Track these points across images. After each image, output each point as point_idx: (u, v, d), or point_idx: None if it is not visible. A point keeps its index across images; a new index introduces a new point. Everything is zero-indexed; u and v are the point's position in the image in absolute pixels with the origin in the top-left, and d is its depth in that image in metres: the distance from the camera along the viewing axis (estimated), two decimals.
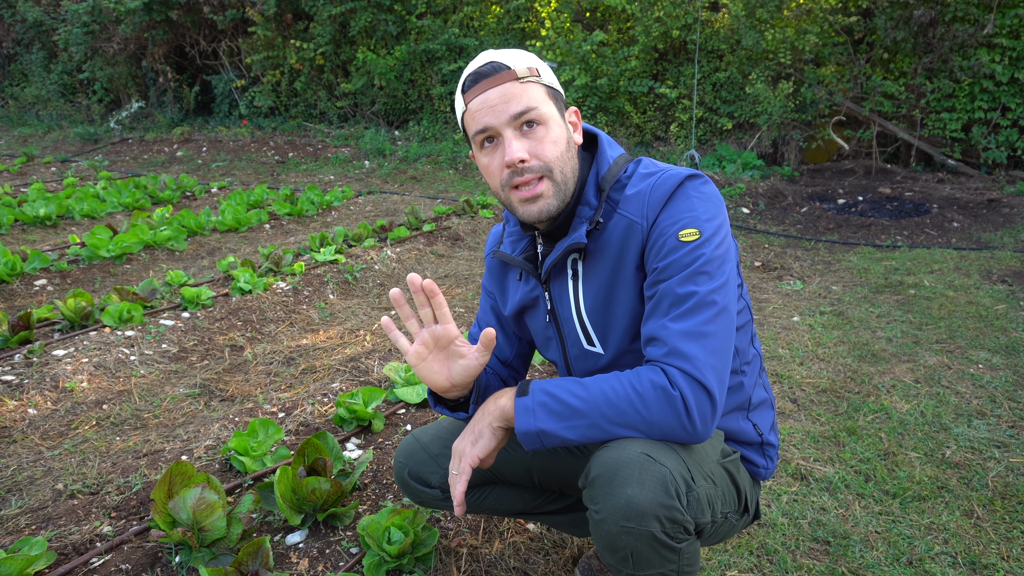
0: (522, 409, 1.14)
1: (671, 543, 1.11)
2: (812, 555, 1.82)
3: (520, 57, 1.21)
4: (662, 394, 1.09)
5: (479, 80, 1.19)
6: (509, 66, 1.18)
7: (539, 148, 1.19)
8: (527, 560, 1.78)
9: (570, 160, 1.24)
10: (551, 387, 1.15)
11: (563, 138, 1.22)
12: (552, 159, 1.20)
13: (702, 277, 1.13)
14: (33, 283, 4.10)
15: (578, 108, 1.32)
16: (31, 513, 1.95)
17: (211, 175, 8.86)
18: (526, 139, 1.19)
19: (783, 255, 5.09)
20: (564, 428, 1.12)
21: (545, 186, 1.21)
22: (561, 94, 1.26)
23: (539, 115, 1.18)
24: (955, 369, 2.94)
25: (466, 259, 4.97)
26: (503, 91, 1.17)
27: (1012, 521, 1.95)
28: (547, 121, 1.20)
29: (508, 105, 1.17)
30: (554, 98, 1.23)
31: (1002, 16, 6.68)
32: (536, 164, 1.19)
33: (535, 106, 1.18)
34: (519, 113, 1.17)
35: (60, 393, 2.72)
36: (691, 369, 1.09)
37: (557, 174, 1.21)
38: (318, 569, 1.70)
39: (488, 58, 1.21)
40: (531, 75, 1.19)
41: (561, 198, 1.23)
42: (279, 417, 2.56)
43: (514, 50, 1.23)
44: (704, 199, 1.19)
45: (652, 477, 1.07)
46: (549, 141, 1.19)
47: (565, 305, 1.32)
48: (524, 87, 1.18)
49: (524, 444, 1.14)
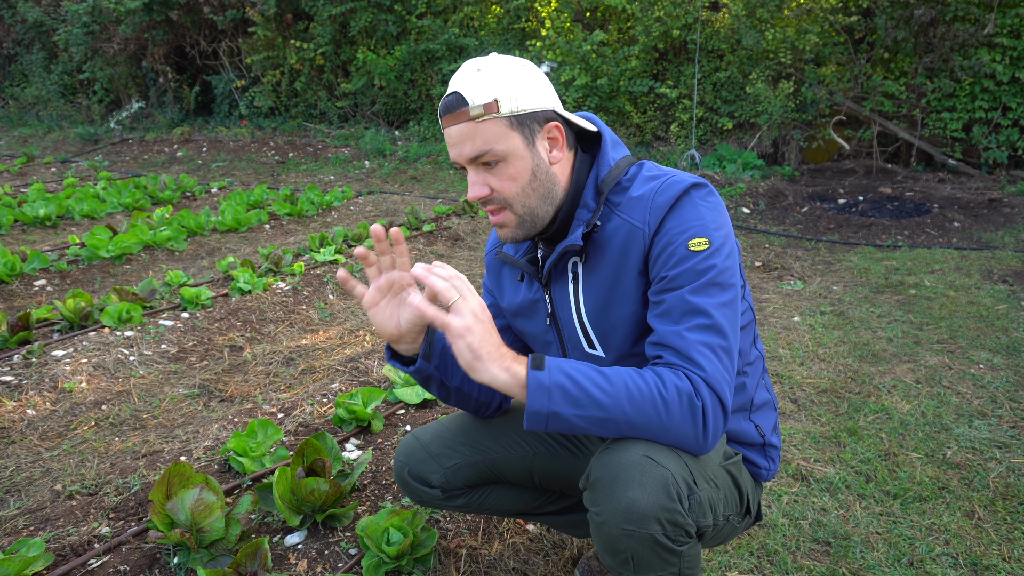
0: (537, 386, 1.06)
1: (672, 546, 1.10)
2: (813, 556, 1.81)
3: (482, 87, 1.15)
4: (687, 402, 1.07)
5: (444, 112, 1.19)
6: (467, 102, 1.15)
7: (498, 183, 1.20)
8: (526, 561, 1.77)
9: (537, 189, 1.22)
10: (569, 369, 1.08)
11: (526, 170, 1.20)
12: (510, 195, 1.21)
13: (714, 288, 1.13)
14: (33, 283, 4.09)
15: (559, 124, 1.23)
16: (29, 514, 1.94)
17: (211, 175, 8.86)
18: (488, 174, 1.20)
19: (783, 255, 5.09)
20: (577, 416, 1.07)
21: (506, 216, 1.23)
22: (533, 115, 1.18)
23: (494, 155, 1.18)
24: (956, 369, 2.93)
25: (466, 259, 4.96)
26: (460, 131, 1.17)
27: (1013, 522, 1.94)
28: (506, 157, 1.18)
29: (463, 147, 1.18)
30: (519, 126, 1.17)
31: (1003, 15, 6.68)
32: (497, 197, 1.22)
33: (488, 148, 1.17)
34: (474, 156, 1.18)
35: (59, 394, 2.72)
36: (713, 383, 1.09)
37: (518, 207, 1.22)
38: (317, 570, 1.69)
39: (453, 86, 1.18)
40: (486, 112, 1.14)
41: (527, 228, 1.25)
42: (278, 418, 2.55)
43: (483, 74, 1.16)
44: (711, 208, 1.18)
45: (654, 480, 1.07)
46: (507, 178, 1.20)
47: (565, 308, 1.31)
48: (479, 127, 1.15)
49: (527, 423, 1.07)
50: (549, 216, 1.25)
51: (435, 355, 1.30)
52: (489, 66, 1.17)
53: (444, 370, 1.33)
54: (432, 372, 1.32)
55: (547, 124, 1.21)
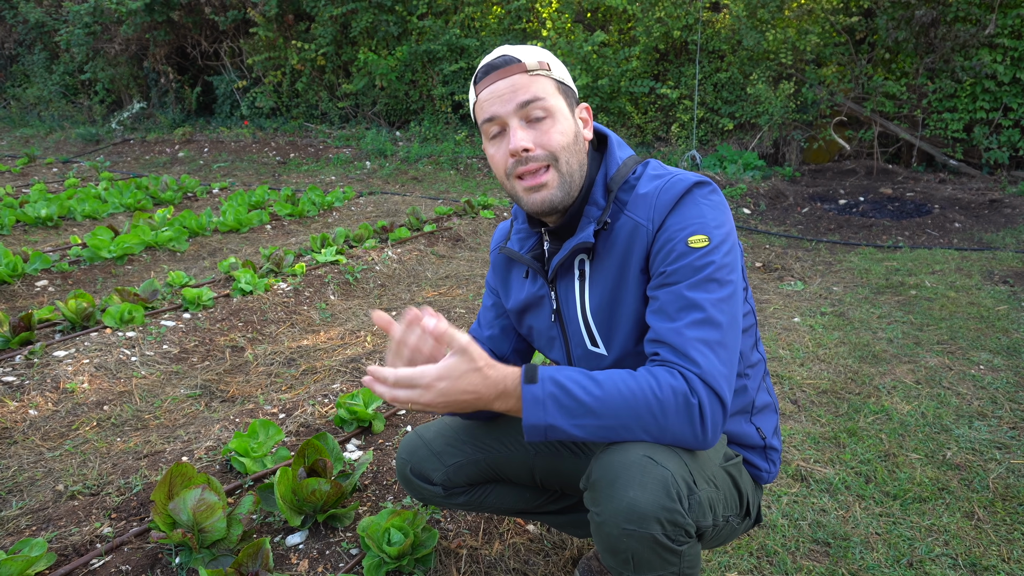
0: (531, 400, 1.07)
1: (672, 546, 1.10)
2: (812, 556, 1.82)
3: (533, 52, 1.23)
4: (683, 400, 1.07)
5: (490, 72, 1.21)
6: (520, 59, 1.20)
7: (544, 138, 1.19)
8: (527, 561, 1.78)
9: (577, 153, 1.24)
10: (561, 377, 1.09)
11: (571, 131, 1.23)
12: (558, 148, 1.20)
13: (712, 284, 1.14)
14: (34, 284, 4.10)
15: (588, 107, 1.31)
16: (32, 514, 1.95)
17: (213, 176, 8.87)
18: (532, 130, 1.20)
19: (784, 256, 5.09)
20: (574, 426, 1.07)
21: (550, 176, 1.21)
22: (573, 91, 1.28)
23: (546, 106, 1.19)
24: (956, 370, 2.93)
25: (467, 260, 4.97)
26: (512, 82, 1.19)
27: (1013, 523, 1.94)
28: (554, 113, 1.20)
29: (515, 95, 1.18)
30: (564, 93, 1.24)
31: (1004, 16, 6.68)
32: (541, 153, 1.20)
33: (543, 97, 1.19)
34: (525, 102, 1.18)
35: (61, 394, 2.73)
36: (709, 379, 1.09)
37: (563, 164, 1.21)
38: (318, 570, 1.70)
39: (500, 52, 1.23)
40: (541, 68, 1.20)
41: (566, 190, 1.23)
42: (279, 418, 2.56)
43: (528, 46, 1.24)
44: (712, 206, 1.19)
45: (654, 480, 1.07)
46: (556, 131, 1.20)
47: (571, 305, 1.31)
48: (533, 79, 1.20)
49: (527, 435, 1.08)
50: (578, 190, 1.26)
51: None
52: (526, 45, 1.25)
53: None
54: None
55: (581, 103, 1.30)
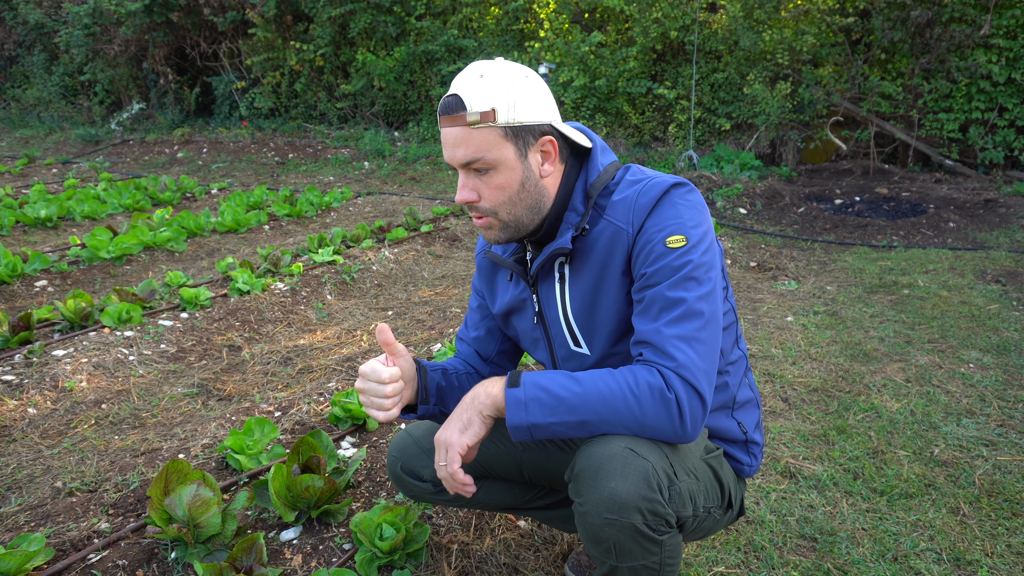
0: (513, 402, 1.15)
1: (653, 535, 1.14)
2: (799, 551, 1.85)
3: (482, 94, 1.17)
4: (659, 396, 1.11)
5: (443, 113, 1.22)
6: (465, 107, 1.17)
7: (486, 191, 1.24)
8: (517, 556, 1.81)
9: (524, 199, 1.25)
10: (544, 380, 1.16)
11: (514, 181, 1.23)
12: (496, 203, 1.25)
13: (691, 283, 1.17)
14: (34, 284, 4.13)
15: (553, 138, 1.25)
16: (30, 510, 1.98)
17: (211, 176, 8.90)
18: (477, 179, 1.24)
19: (779, 255, 5.12)
20: (555, 423, 1.14)
21: (490, 222, 1.28)
22: (528, 127, 1.21)
23: (485, 163, 1.21)
24: (946, 368, 2.96)
25: (464, 260, 5.00)
26: (455, 134, 1.21)
27: (997, 518, 1.97)
28: (496, 166, 1.21)
29: (456, 151, 1.21)
30: (513, 137, 1.20)
31: (999, 16, 6.70)
32: (483, 205, 1.25)
33: (480, 156, 1.20)
34: (466, 162, 1.21)
35: (59, 393, 2.76)
36: (686, 373, 1.12)
37: (503, 215, 1.26)
38: (311, 565, 1.73)
39: (455, 88, 1.20)
40: (483, 120, 1.17)
41: (512, 232, 1.29)
42: (275, 416, 2.59)
43: (485, 79, 1.19)
44: (689, 207, 1.22)
45: (635, 471, 1.11)
46: (494, 187, 1.23)
47: (552, 307, 1.35)
48: (474, 133, 1.19)
49: (513, 436, 1.15)
50: (535, 224, 1.30)
51: (432, 396, 1.41)
52: (492, 73, 1.19)
53: (443, 403, 1.44)
54: (434, 411, 1.43)
55: (542, 138, 1.24)
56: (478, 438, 1.21)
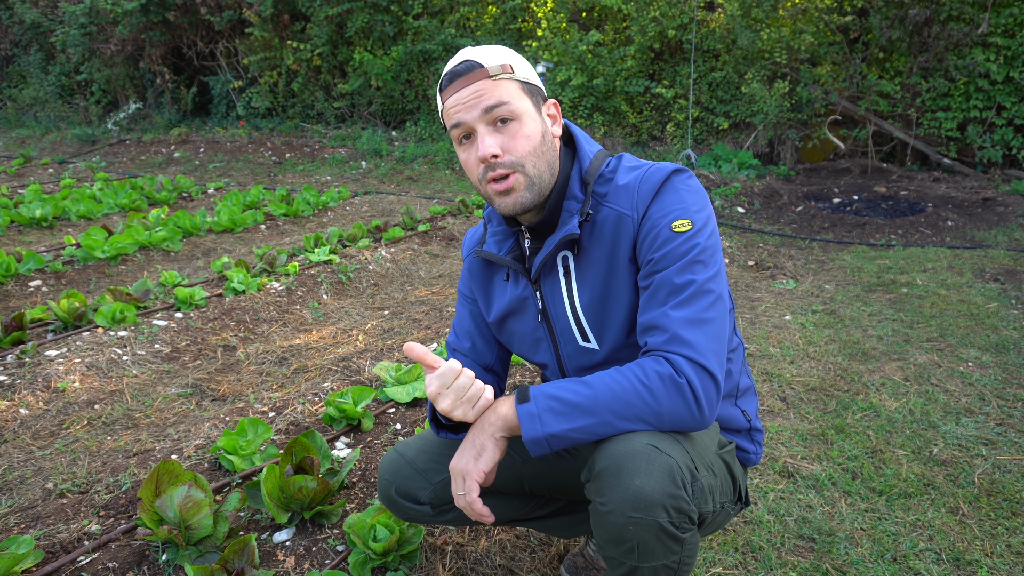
0: (527, 416, 1.12)
1: (676, 533, 1.11)
2: (797, 552, 1.83)
3: (494, 54, 1.22)
4: (670, 383, 1.10)
5: (454, 79, 1.21)
6: (482, 64, 1.20)
7: (511, 143, 1.20)
8: (512, 558, 1.79)
9: (546, 154, 1.24)
10: (552, 390, 1.14)
11: (537, 132, 1.23)
12: (523, 154, 1.21)
13: (698, 266, 1.16)
14: (28, 284, 4.11)
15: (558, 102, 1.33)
16: (20, 512, 1.96)
17: (208, 176, 8.87)
18: (499, 134, 1.21)
19: (777, 254, 5.10)
20: (572, 429, 1.11)
21: (516, 180, 1.22)
22: (538, 88, 1.27)
23: (510, 111, 1.20)
24: (945, 367, 2.95)
25: (461, 259, 4.98)
26: (475, 89, 1.19)
27: (997, 518, 1.95)
28: (520, 116, 1.21)
29: (479, 101, 1.19)
30: (529, 92, 1.24)
31: (997, 15, 6.70)
32: (508, 159, 1.21)
33: (506, 101, 1.19)
34: (490, 108, 1.19)
35: (52, 393, 2.73)
36: (695, 355, 1.11)
37: (530, 168, 1.22)
38: (304, 567, 1.71)
39: (463, 56, 1.22)
40: (503, 72, 1.20)
41: (536, 191, 1.24)
42: (269, 416, 2.57)
43: (490, 47, 1.24)
44: (692, 192, 1.22)
45: (659, 467, 1.08)
46: (521, 136, 1.21)
47: (558, 303, 1.31)
48: (496, 84, 1.20)
49: (532, 451, 1.12)
50: (549, 188, 1.27)
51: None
52: (489, 46, 1.25)
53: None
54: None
55: (547, 100, 1.29)
56: (494, 462, 1.19)
